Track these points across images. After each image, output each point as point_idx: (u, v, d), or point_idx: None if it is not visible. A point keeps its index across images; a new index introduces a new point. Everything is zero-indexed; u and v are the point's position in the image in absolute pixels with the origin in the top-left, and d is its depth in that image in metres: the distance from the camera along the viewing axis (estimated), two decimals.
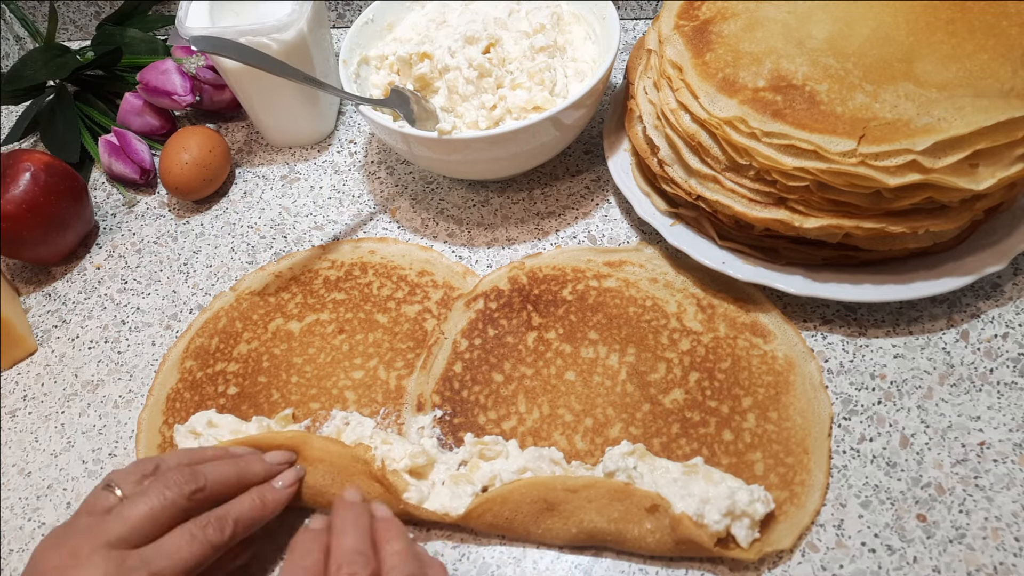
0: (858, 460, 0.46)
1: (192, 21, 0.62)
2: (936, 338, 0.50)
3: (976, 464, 0.45)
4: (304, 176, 0.69)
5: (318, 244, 0.63)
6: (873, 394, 0.48)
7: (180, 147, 0.65)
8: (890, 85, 0.45)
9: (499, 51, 0.60)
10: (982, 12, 0.48)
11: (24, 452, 0.54)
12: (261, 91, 0.65)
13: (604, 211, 0.61)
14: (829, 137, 0.45)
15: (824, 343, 0.51)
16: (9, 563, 0.49)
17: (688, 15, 0.54)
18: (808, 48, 0.48)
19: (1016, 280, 0.52)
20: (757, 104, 0.47)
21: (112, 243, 0.67)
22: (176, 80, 0.69)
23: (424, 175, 0.66)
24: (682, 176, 0.52)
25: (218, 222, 0.66)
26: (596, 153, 0.65)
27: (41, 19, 0.83)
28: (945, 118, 0.43)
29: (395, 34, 0.66)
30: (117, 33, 0.78)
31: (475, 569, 0.44)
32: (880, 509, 0.44)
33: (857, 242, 0.49)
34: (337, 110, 0.73)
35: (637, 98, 0.56)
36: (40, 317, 0.62)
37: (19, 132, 0.74)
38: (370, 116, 0.56)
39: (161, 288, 0.62)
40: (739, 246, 0.52)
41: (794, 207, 0.48)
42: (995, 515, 0.43)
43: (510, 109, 0.57)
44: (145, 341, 0.59)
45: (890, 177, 0.44)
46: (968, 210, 0.46)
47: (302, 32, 0.61)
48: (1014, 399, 0.47)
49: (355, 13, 0.80)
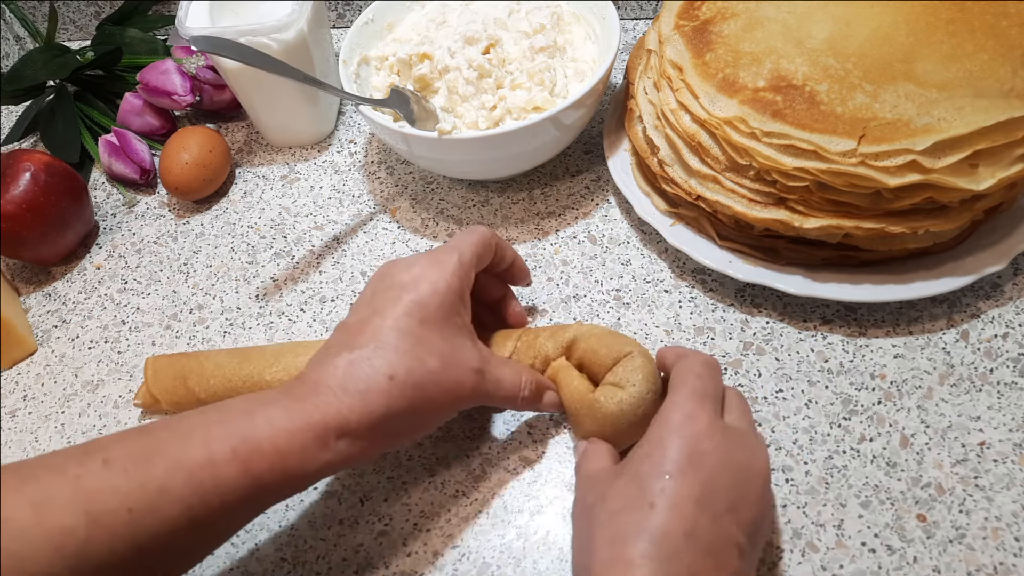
0: (858, 460, 0.46)
1: (192, 21, 0.62)
2: (936, 338, 0.50)
3: (976, 464, 0.45)
4: (304, 176, 0.69)
5: (318, 244, 0.63)
6: (873, 394, 0.48)
7: (180, 147, 0.65)
8: (890, 85, 0.45)
9: (499, 51, 0.60)
10: (982, 12, 0.48)
11: (24, 452, 0.54)
12: (261, 91, 0.65)
13: (604, 211, 0.61)
14: (829, 137, 0.45)
15: (824, 343, 0.51)
16: None
17: (688, 15, 0.54)
18: (808, 48, 0.48)
19: (1016, 280, 0.52)
20: (757, 104, 0.47)
21: (112, 243, 0.67)
22: (176, 80, 0.69)
23: (424, 175, 0.66)
24: (682, 176, 0.52)
25: (218, 222, 0.67)
26: (596, 153, 0.65)
27: (41, 19, 0.83)
28: (945, 118, 0.43)
29: (395, 34, 0.66)
30: (117, 33, 0.78)
31: (475, 569, 0.44)
32: (880, 509, 0.44)
33: (857, 242, 0.49)
34: (337, 110, 0.73)
35: (637, 98, 0.56)
36: (40, 317, 0.62)
37: (19, 132, 0.74)
38: (370, 116, 0.56)
39: (161, 288, 0.62)
40: (739, 246, 0.52)
41: (794, 207, 0.48)
42: (995, 515, 0.43)
43: (510, 109, 0.57)
44: (145, 341, 0.59)
45: (890, 177, 0.44)
46: (968, 210, 0.46)
47: (302, 32, 0.61)
48: (1014, 399, 0.47)
49: (355, 13, 0.80)
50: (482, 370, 0.43)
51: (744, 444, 0.38)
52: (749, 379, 0.50)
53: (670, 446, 0.37)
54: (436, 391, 0.40)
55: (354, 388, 0.38)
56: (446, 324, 0.42)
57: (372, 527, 0.47)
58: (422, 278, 0.42)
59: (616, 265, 0.57)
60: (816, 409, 0.48)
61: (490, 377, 0.43)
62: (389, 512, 0.47)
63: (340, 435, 0.38)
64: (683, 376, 0.40)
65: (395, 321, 0.40)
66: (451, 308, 0.42)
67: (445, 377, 0.41)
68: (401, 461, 0.49)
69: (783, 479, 0.45)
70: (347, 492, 0.48)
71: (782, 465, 0.46)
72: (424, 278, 0.42)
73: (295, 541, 0.47)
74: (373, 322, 0.41)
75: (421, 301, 0.41)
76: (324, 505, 0.48)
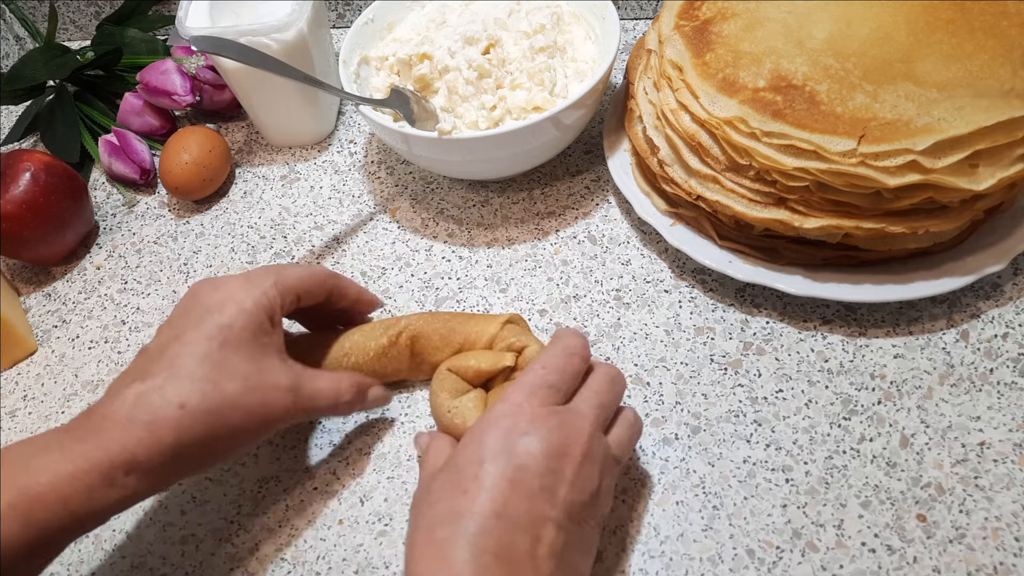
0: (858, 460, 0.46)
1: (192, 21, 0.62)
2: (936, 338, 0.50)
3: (976, 464, 0.45)
4: (304, 176, 0.69)
5: (318, 244, 0.63)
6: (873, 394, 0.48)
7: (180, 147, 0.65)
8: (890, 85, 0.45)
9: (499, 51, 0.60)
10: (982, 12, 0.48)
11: None
12: (261, 91, 0.65)
13: (604, 211, 0.61)
14: (829, 137, 0.45)
15: (824, 343, 0.51)
16: None
17: (688, 15, 0.54)
18: (808, 48, 0.48)
19: (1016, 280, 0.52)
20: (757, 104, 0.47)
21: (112, 243, 0.67)
22: (176, 80, 0.69)
23: (424, 175, 0.66)
24: (682, 176, 0.52)
25: (218, 222, 0.67)
26: (596, 153, 0.65)
27: (41, 19, 0.83)
28: (945, 118, 0.43)
29: (395, 34, 0.66)
30: (117, 33, 0.78)
31: None
32: (880, 509, 0.44)
33: (857, 242, 0.49)
34: (337, 110, 0.73)
35: (637, 98, 0.56)
36: (40, 317, 0.62)
37: (19, 132, 0.74)
38: (370, 116, 0.56)
39: (161, 288, 0.62)
40: (739, 246, 0.52)
41: (794, 207, 0.48)
42: (995, 515, 0.43)
43: (510, 109, 0.57)
44: (145, 341, 0.59)
45: (890, 177, 0.44)
46: (968, 210, 0.46)
47: (302, 32, 0.61)
48: (1014, 399, 0.47)
49: (355, 13, 0.80)
50: (295, 387, 0.42)
51: (563, 428, 0.38)
52: (749, 379, 0.50)
53: (488, 435, 0.38)
54: (237, 416, 0.40)
55: (141, 419, 0.37)
56: (252, 345, 0.41)
57: (372, 527, 0.47)
58: (229, 299, 0.41)
59: (616, 265, 0.57)
60: (816, 409, 0.48)
61: (306, 392, 0.43)
62: (389, 512, 0.47)
63: (128, 471, 0.37)
64: (528, 368, 0.41)
65: (193, 346, 0.39)
66: (258, 328, 0.41)
67: (248, 400, 0.40)
68: (401, 461, 0.49)
69: (783, 479, 0.45)
70: (347, 492, 0.48)
71: (782, 465, 0.46)
72: (231, 299, 0.41)
73: (295, 541, 0.47)
74: (172, 348, 0.40)
75: (225, 323, 0.40)
76: (324, 505, 0.48)
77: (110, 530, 0.49)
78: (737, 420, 0.48)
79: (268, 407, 0.41)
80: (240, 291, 0.42)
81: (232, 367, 0.40)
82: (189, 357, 0.39)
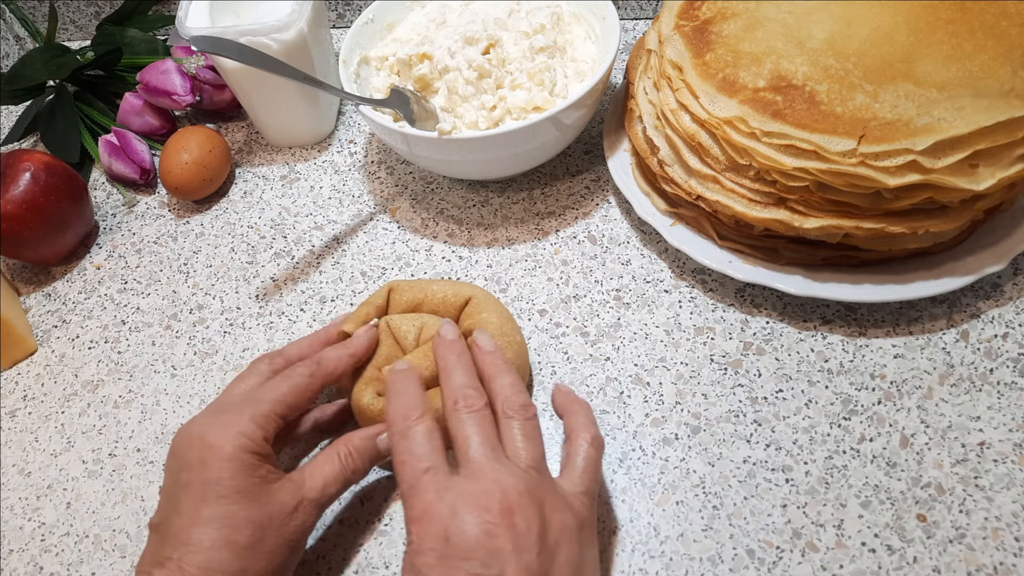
0: (858, 460, 0.46)
1: (192, 21, 0.62)
2: (936, 338, 0.50)
3: (976, 464, 0.45)
4: (304, 176, 0.69)
5: (318, 244, 0.63)
6: (873, 394, 0.48)
7: (180, 147, 0.65)
8: (890, 85, 0.45)
9: (499, 51, 0.60)
10: (982, 12, 0.48)
11: (24, 452, 0.54)
12: (261, 91, 0.65)
13: (604, 211, 0.61)
14: (829, 137, 0.45)
15: (824, 343, 0.51)
16: (9, 563, 0.49)
17: (688, 15, 0.54)
18: (808, 48, 0.48)
19: (1016, 280, 0.52)
20: (757, 104, 0.47)
21: (112, 243, 0.67)
22: (176, 80, 0.69)
23: (424, 175, 0.66)
24: (682, 176, 0.52)
25: (218, 222, 0.67)
26: (596, 153, 0.65)
27: (41, 19, 0.83)
28: (945, 118, 0.43)
29: (395, 34, 0.66)
30: (117, 33, 0.78)
31: None
32: (880, 509, 0.44)
33: (857, 242, 0.49)
34: (337, 110, 0.73)
35: (637, 98, 0.56)
36: (40, 317, 0.62)
37: (19, 132, 0.74)
38: (370, 116, 0.56)
39: (161, 288, 0.62)
40: (739, 246, 0.52)
41: (794, 207, 0.48)
42: (995, 515, 0.43)
43: (510, 109, 0.57)
44: (145, 341, 0.59)
45: (890, 177, 0.44)
46: (968, 210, 0.46)
47: (302, 32, 0.61)
48: (1014, 399, 0.47)
49: (355, 13, 0.80)
50: (302, 498, 0.42)
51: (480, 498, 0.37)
52: (749, 379, 0.50)
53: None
54: (262, 556, 0.40)
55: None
56: (246, 486, 0.40)
57: (372, 527, 0.47)
58: (208, 453, 0.40)
59: (616, 265, 0.57)
60: (816, 409, 0.48)
61: (313, 493, 0.42)
62: (389, 512, 0.47)
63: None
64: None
65: (193, 517, 0.39)
66: (247, 470, 0.41)
67: (266, 536, 0.40)
68: None
69: (783, 479, 0.45)
70: (347, 492, 0.48)
71: (782, 465, 0.46)
72: (210, 452, 0.40)
73: None
74: (174, 523, 0.40)
75: (213, 479, 0.40)
76: None
77: (110, 530, 0.49)
78: (737, 420, 0.48)
79: (287, 529, 0.41)
80: (218, 439, 0.41)
81: (237, 519, 0.39)
82: (192, 528, 0.39)
